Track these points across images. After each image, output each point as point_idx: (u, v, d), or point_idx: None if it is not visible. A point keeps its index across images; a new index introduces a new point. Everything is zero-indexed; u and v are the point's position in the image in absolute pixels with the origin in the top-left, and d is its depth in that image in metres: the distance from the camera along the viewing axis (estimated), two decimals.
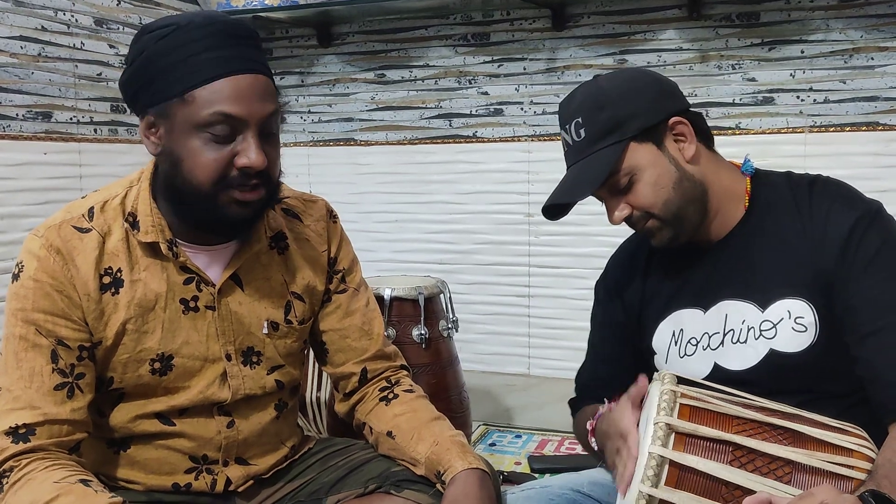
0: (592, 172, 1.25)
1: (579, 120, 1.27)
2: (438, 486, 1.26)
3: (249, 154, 1.16)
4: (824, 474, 1.02)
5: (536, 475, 2.40)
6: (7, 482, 1.12)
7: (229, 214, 1.20)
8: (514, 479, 2.33)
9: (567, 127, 1.29)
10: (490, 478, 1.25)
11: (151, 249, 1.25)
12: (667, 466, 1.00)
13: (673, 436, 1.02)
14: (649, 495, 0.99)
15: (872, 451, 1.06)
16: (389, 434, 1.35)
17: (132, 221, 1.24)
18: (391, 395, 1.41)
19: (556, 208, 1.34)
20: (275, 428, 1.38)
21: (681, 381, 1.12)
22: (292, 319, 1.36)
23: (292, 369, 1.40)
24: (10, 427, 1.14)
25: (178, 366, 1.27)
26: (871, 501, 0.98)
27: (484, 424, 2.91)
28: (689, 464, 1.00)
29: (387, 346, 1.47)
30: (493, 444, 2.72)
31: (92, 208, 1.24)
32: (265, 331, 1.33)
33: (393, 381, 1.44)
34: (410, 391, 1.43)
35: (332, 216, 1.45)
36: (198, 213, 1.21)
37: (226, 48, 1.17)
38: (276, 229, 1.35)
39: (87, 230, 1.22)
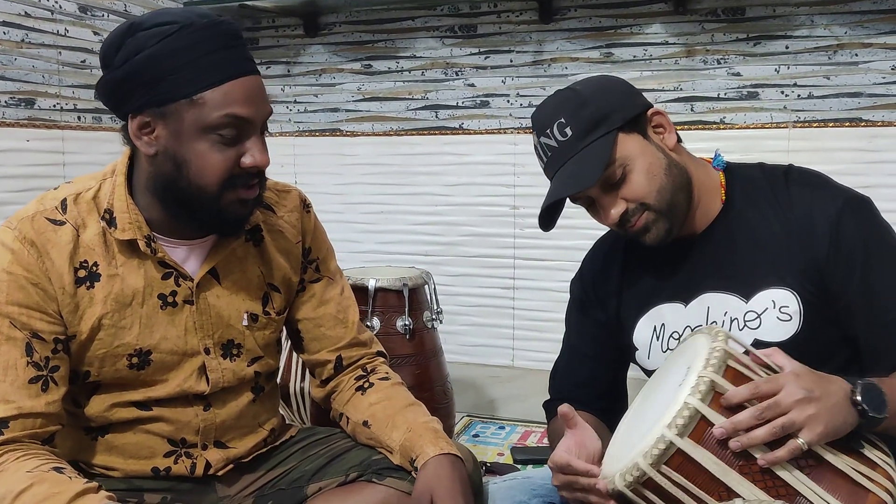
0: (592, 163, 1.23)
1: (562, 120, 1.25)
2: (414, 473, 1.26)
3: (256, 154, 1.18)
4: (843, 476, 1.01)
5: (519, 466, 2.41)
6: None
7: (231, 214, 1.22)
8: (497, 469, 2.34)
9: (548, 131, 1.27)
10: (462, 462, 1.26)
11: (129, 246, 1.24)
12: (698, 420, 0.99)
13: (713, 393, 1.01)
14: (671, 441, 0.98)
15: (895, 471, 1.06)
16: (365, 423, 1.36)
17: (109, 218, 1.23)
18: (367, 385, 1.41)
19: (550, 212, 1.30)
20: (252, 411, 1.38)
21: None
22: (270, 311, 1.37)
23: (270, 359, 1.40)
24: None
25: (156, 361, 1.26)
26: (859, 398, 1.02)
27: (468, 415, 2.91)
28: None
29: (362, 334, 1.47)
30: (476, 435, 2.73)
31: (65, 200, 1.23)
32: (245, 323, 1.33)
33: (369, 370, 1.45)
34: (386, 378, 1.43)
35: (305, 206, 1.45)
36: (199, 213, 1.21)
37: (231, 49, 1.17)
38: (252, 222, 1.35)
39: (61, 223, 1.21)
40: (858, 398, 1.03)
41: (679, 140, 1.34)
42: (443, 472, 1.22)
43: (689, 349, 1.12)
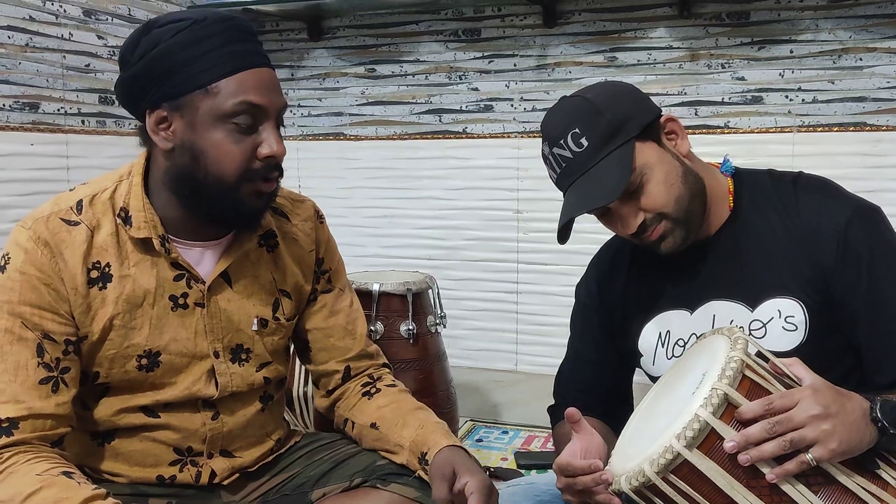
0: (613, 175, 1.21)
1: (577, 130, 1.22)
2: (420, 472, 1.26)
3: (272, 144, 1.19)
4: (852, 496, 1.00)
5: (523, 471, 2.41)
6: None
7: (248, 206, 1.22)
8: (500, 474, 2.33)
9: (562, 141, 1.23)
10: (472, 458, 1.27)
11: (143, 245, 1.24)
12: (708, 433, 0.98)
13: (726, 406, 0.99)
14: (679, 453, 0.97)
15: None
16: (373, 425, 1.36)
17: (124, 216, 1.24)
18: (373, 390, 1.41)
19: (568, 226, 1.28)
20: (260, 421, 1.38)
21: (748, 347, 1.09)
22: (280, 316, 1.37)
23: (279, 365, 1.40)
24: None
25: (165, 362, 1.26)
26: (878, 415, 1.00)
27: (471, 420, 2.91)
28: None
29: (369, 346, 1.48)
30: (479, 440, 2.73)
31: (81, 201, 1.24)
32: (255, 327, 1.33)
33: (375, 377, 1.45)
34: (393, 385, 1.43)
35: (319, 217, 1.46)
36: (217, 206, 1.22)
37: (244, 43, 1.20)
38: (266, 227, 1.35)
39: (76, 223, 1.21)
40: (878, 415, 1.01)
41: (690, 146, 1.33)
42: (460, 454, 1.24)
43: (707, 350, 1.11)
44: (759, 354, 1.09)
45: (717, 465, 0.98)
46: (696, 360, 1.12)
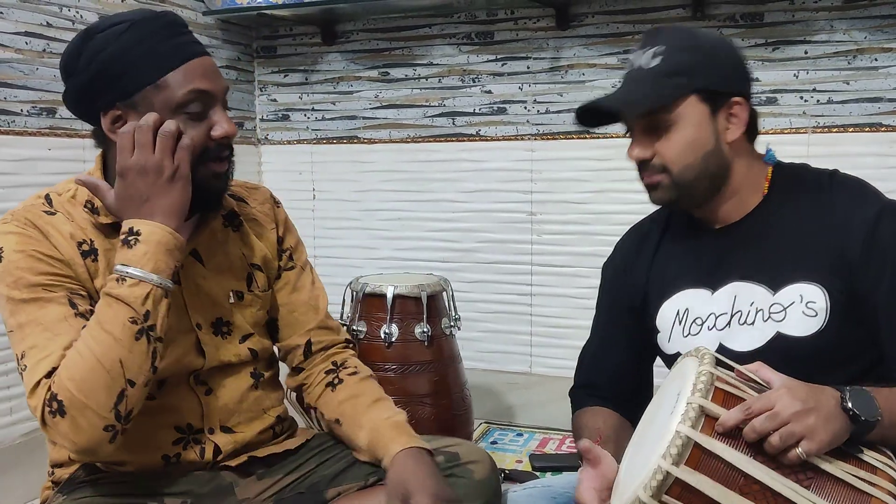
0: (652, 96, 1.25)
1: (661, 48, 1.26)
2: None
3: (223, 125, 1.26)
4: (844, 484, 1.01)
5: (538, 474, 2.41)
6: (59, 381, 1.13)
7: (208, 187, 1.28)
8: (515, 477, 2.33)
9: (644, 49, 1.28)
10: (427, 452, 1.31)
11: (115, 231, 1.28)
12: (691, 448, 0.99)
13: (703, 418, 1.01)
14: (668, 472, 0.98)
15: None
16: (337, 422, 1.42)
17: (91, 207, 1.29)
18: (336, 381, 1.47)
19: (593, 114, 1.32)
20: (254, 397, 1.42)
21: (717, 362, 1.11)
22: (255, 289, 1.44)
23: (262, 338, 1.45)
24: (48, 371, 1.15)
25: None
26: (849, 404, 1.04)
27: (486, 422, 2.91)
28: (714, 450, 1.00)
29: (330, 320, 1.54)
30: (494, 443, 2.73)
31: (48, 195, 1.31)
32: (231, 300, 1.39)
33: (339, 364, 1.49)
34: (355, 373, 1.48)
35: (275, 202, 1.55)
36: None
37: (183, 35, 1.27)
38: (228, 208, 1.43)
39: (52, 213, 1.28)
40: (849, 404, 1.04)
41: (751, 139, 1.35)
42: (409, 465, 1.27)
43: (679, 374, 1.13)
44: (726, 365, 1.12)
45: (707, 477, 0.99)
46: (671, 385, 1.14)
